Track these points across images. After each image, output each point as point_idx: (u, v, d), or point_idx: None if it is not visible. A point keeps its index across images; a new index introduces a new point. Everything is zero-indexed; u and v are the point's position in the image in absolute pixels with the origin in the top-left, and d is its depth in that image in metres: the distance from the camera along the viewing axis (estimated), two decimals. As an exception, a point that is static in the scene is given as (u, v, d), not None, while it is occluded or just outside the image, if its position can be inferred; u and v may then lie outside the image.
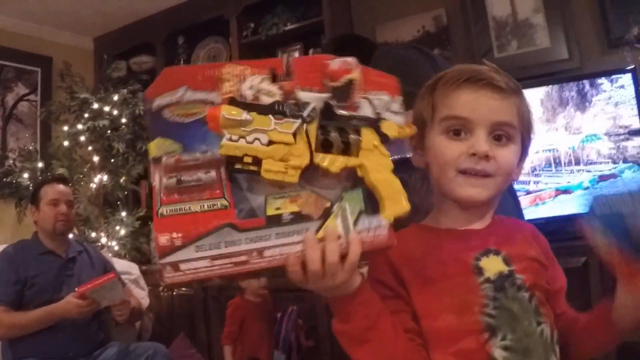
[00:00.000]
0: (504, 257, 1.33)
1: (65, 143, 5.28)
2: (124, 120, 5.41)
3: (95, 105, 5.30)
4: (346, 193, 1.11)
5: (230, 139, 1.06)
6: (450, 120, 1.34)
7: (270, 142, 1.08)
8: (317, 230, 1.07)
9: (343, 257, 1.07)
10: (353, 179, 1.13)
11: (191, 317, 5.00)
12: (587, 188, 3.60)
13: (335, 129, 1.13)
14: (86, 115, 5.29)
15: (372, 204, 1.12)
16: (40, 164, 5.29)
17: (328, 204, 1.09)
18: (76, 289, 3.38)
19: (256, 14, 5.29)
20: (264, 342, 4.05)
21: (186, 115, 1.07)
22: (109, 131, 5.31)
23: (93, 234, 5.20)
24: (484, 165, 1.30)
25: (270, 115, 1.10)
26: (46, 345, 3.45)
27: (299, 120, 1.11)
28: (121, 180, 5.37)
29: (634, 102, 3.56)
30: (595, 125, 3.63)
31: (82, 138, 5.30)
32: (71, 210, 3.84)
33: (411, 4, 4.66)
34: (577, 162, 3.64)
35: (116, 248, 5.17)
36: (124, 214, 5.38)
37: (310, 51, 5.05)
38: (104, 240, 5.17)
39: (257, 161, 1.06)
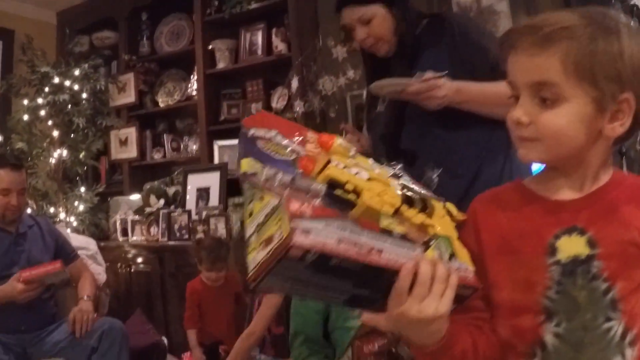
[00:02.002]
0: (590, 238, 1.22)
1: (25, 117, 5.22)
2: (84, 95, 5.37)
3: (56, 80, 5.25)
4: (437, 236, 1.16)
5: (337, 165, 1.12)
6: (509, 86, 1.27)
7: (369, 179, 1.14)
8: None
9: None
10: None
11: (148, 293, 5.01)
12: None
13: (415, 191, 1.23)
14: (47, 89, 5.24)
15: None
16: (-1, 138, 5.22)
17: (427, 238, 1.14)
18: (20, 273, 3.36)
19: (220, -9, 5.25)
20: (229, 326, 4.01)
21: (276, 152, 1.16)
22: (69, 106, 5.26)
23: (52, 209, 5.16)
24: (522, 131, 1.22)
25: (370, 159, 1.24)
26: (0, 318, 3.42)
27: (393, 171, 1.24)
28: (81, 155, 5.33)
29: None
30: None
31: (42, 112, 5.24)
32: (23, 197, 3.71)
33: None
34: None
35: (75, 224, 5.15)
36: (83, 189, 5.36)
37: (274, 30, 5.04)
38: (62, 215, 5.14)
39: (356, 192, 1.09)
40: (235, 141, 5.17)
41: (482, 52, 2.29)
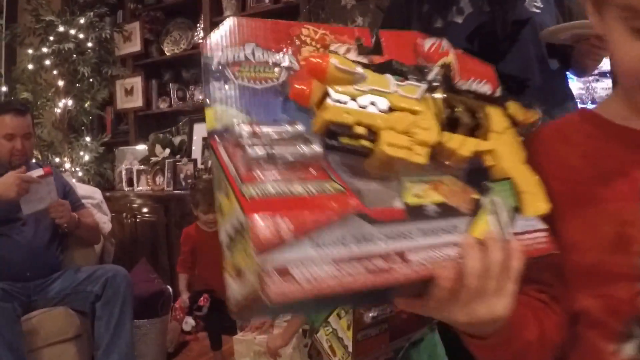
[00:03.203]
0: None
1: (30, 67, 5.17)
2: (89, 44, 5.29)
3: (61, 28, 5.16)
4: (493, 183, 0.84)
5: (338, 101, 0.76)
6: (628, 12, 0.85)
7: (391, 110, 0.79)
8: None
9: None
10: (477, 168, 0.86)
11: (154, 243, 5.02)
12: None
13: (461, 103, 0.86)
14: (51, 38, 5.16)
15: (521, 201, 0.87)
16: (4, 88, 5.20)
17: (476, 196, 0.82)
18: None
19: None
20: (221, 275, 4.02)
21: (256, 80, 0.78)
22: (74, 55, 5.19)
23: (57, 159, 5.14)
24: None
25: (387, 75, 0.82)
26: (4, 265, 3.41)
27: (425, 84, 0.84)
28: (86, 105, 5.29)
29: (606, 43, 3.54)
30: (566, 66, 3.59)
31: (47, 62, 5.17)
32: (29, 141, 3.68)
33: None
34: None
35: (80, 174, 5.12)
36: (88, 139, 5.34)
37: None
38: (67, 165, 5.11)
39: (372, 134, 0.76)
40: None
41: None
